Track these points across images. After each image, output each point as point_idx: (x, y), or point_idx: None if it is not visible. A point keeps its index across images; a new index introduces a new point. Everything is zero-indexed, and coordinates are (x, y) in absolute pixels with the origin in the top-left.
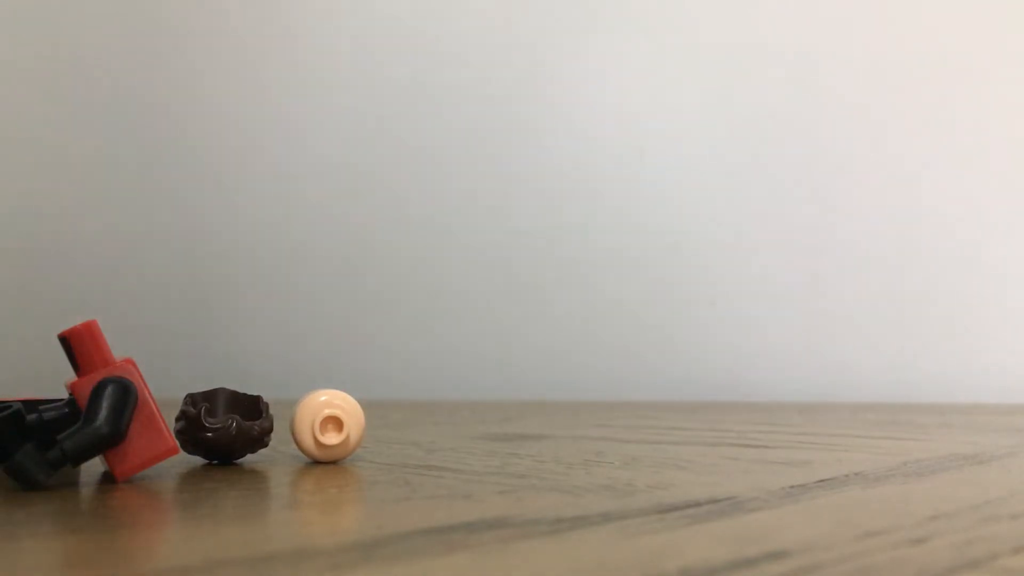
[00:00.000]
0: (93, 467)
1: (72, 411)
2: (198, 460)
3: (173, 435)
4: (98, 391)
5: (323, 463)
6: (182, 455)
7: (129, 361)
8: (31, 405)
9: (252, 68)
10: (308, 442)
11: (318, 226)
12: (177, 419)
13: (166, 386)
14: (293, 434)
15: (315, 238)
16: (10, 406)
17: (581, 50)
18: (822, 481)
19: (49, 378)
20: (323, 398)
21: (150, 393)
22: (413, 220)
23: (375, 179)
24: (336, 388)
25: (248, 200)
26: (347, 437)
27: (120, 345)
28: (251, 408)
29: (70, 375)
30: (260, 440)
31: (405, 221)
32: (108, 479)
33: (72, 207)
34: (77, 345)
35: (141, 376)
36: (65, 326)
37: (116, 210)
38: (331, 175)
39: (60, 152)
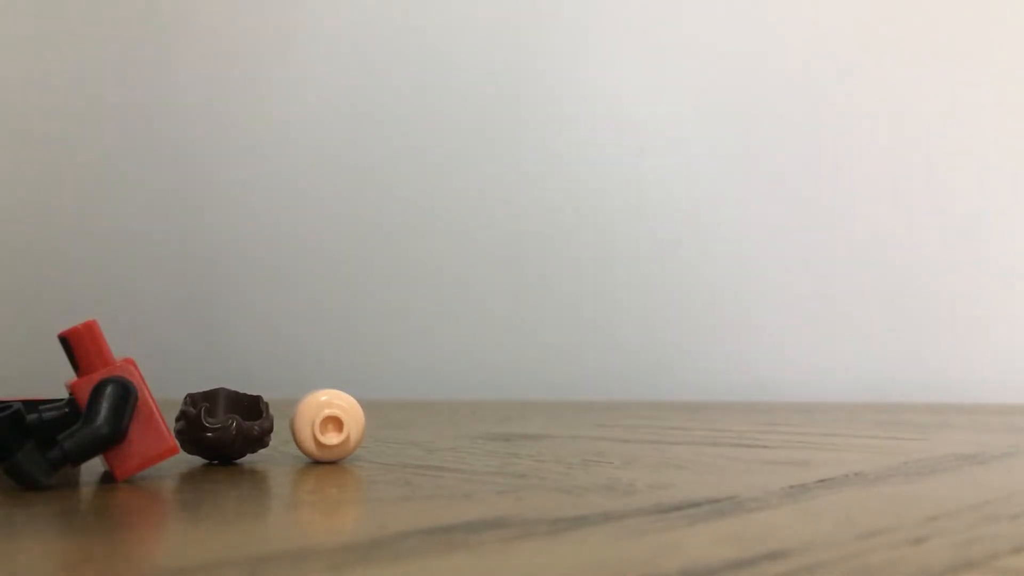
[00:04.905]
0: (93, 467)
1: (72, 411)
2: (198, 460)
3: (173, 435)
4: (98, 391)
5: (323, 463)
6: (182, 455)
7: (129, 361)
8: (31, 405)
9: (252, 67)
10: (308, 442)
11: (318, 226)
12: (177, 419)
13: (166, 386)
14: (293, 434)
15: (315, 238)
16: (10, 406)
17: (581, 49)
18: (822, 481)
19: (49, 378)
20: (323, 398)
21: (150, 393)
22: (412, 221)
23: (375, 179)
24: (336, 388)
25: (248, 200)
26: (347, 437)
27: (120, 345)
28: (251, 408)
29: (70, 375)
30: (260, 440)
31: (405, 222)
32: (108, 479)
33: (73, 207)
34: (77, 345)
35: (141, 376)
36: (65, 326)
37: (116, 210)
38: (331, 175)
39: (60, 152)
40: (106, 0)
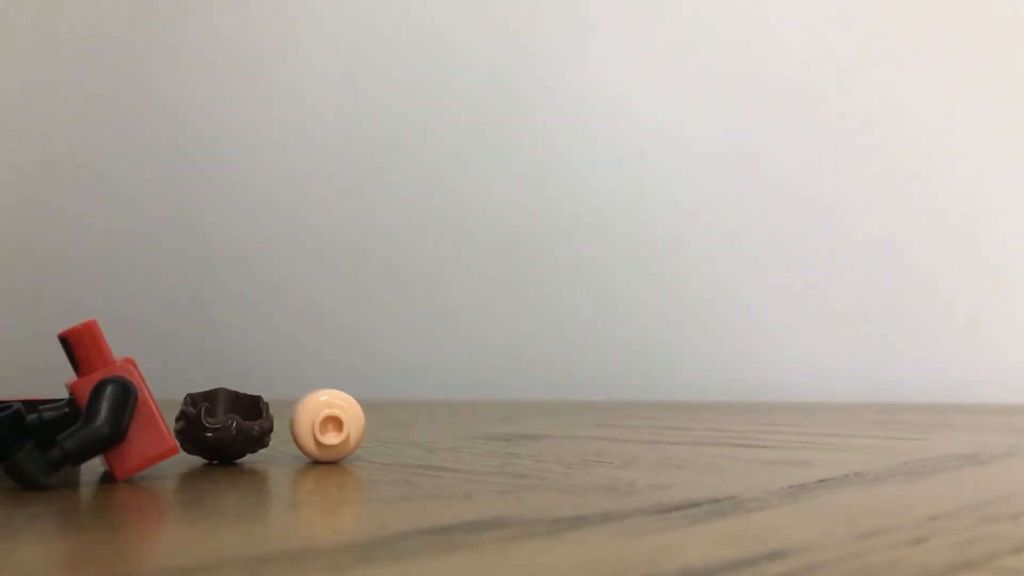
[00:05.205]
0: (93, 467)
1: (72, 411)
2: (198, 460)
3: (173, 435)
4: (98, 391)
5: (323, 463)
6: (182, 455)
7: (129, 361)
8: (31, 405)
9: (252, 67)
10: (308, 442)
11: (318, 226)
12: (177, 419)
13: (166, 386)
14: (293, 434)
15: (315, 238)
16: (10, 406)
17: (581, 48)
18: (822, 481)
19: (49, 378)
20: (323, 398)
21: (150, 393)
22: (413, 220)
23: (376, 179)
24: (336, 388)
25: (248, 199)
26: (347, 437)
27: (120, 345)
28: (251, 408)
29: (70, 375)
30: (260, 440)
31: (405, 221)
32: (108, 479)
33: (72, 207)
34: (77, 345)
35: (141, 376)
36: (65, 326)
37: (116, 210)
38: (331, 175)
39: (60, 152)
40: (106, 0)
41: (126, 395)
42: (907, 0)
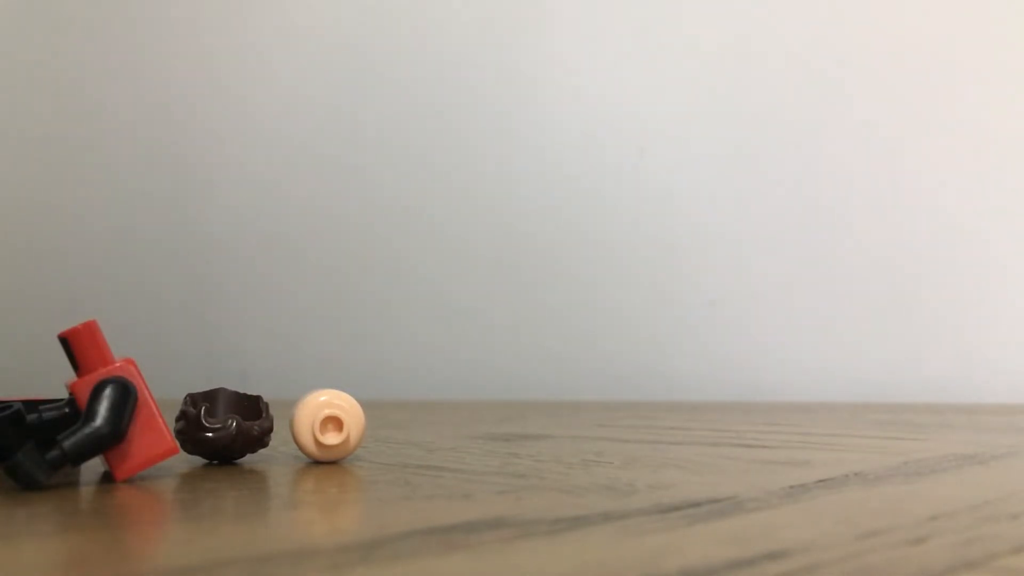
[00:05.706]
0: (93, 467)
1: (72, 411)
2: (198, 460)
3: (173, 435)
4: (98, 391)
5: (323, 463)
6: (182, 455)
7: (129, 361)
8: (31, 405)
9: (251, 68)
10: (308, 442)
11: (319, 227)
12: (177, 419)
13: (166, 386)
14: (293, 434)
15: (315, 238)
16: (10, 406)
17: (580, 49)
18: (822, 481)
19: (49, 378)
20: (323, 398)
21: (150, 393)
22: (413, 221)
23: (376, 180)
24: (336, 388)
25: (248, 200)
26: (347, 437)
27: (120, 345)
28: (251, 408)
29: (70, 375)
30: (260, 440)
31: (405, 222)
32: (108, 479)
33: (72, 207)
34: (77, 345)
35: (141, 376)
36: (65, 326)
37: (116, 210)
38: (332, 176)
39: (60, 152)
40: (105, 1)
41: (126, 395)
42: (906, 0)
